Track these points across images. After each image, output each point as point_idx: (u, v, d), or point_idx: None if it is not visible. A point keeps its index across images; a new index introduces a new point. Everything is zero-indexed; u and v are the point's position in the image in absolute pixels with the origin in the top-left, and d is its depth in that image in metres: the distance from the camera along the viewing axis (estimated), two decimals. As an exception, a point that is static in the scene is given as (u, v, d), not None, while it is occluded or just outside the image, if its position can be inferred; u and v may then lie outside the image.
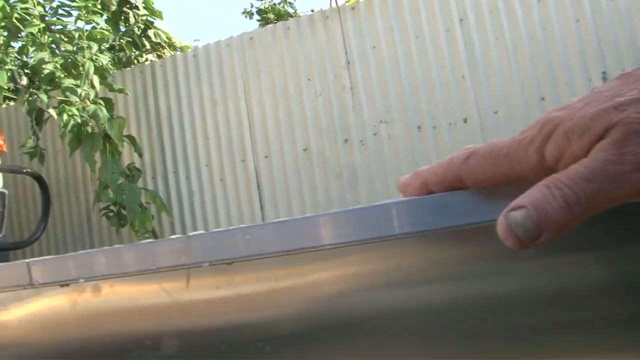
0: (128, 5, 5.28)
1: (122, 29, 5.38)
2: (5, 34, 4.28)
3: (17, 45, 4.42)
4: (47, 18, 4.18)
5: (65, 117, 4.13)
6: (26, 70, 4.32)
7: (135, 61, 5.32)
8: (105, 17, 5.02)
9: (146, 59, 5.38)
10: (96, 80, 4.19)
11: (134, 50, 5.03)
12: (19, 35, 4.07)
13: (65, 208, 5.35)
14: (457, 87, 4.09)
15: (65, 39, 4.33)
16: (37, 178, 4.28)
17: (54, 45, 4.28)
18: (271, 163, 4.49)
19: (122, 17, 5.28)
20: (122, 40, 4.88)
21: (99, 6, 4.70)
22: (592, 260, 0.41)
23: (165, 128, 4.86)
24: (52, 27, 4.28)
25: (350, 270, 0.51)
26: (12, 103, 5.57)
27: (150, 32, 5.23)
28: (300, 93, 4.41)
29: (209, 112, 4.70)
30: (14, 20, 4.00)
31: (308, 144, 4.38)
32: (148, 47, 5.21)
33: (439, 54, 4.14)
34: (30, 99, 4.37)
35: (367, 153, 4.24)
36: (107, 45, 4.92)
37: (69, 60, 4.20)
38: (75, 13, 4.40)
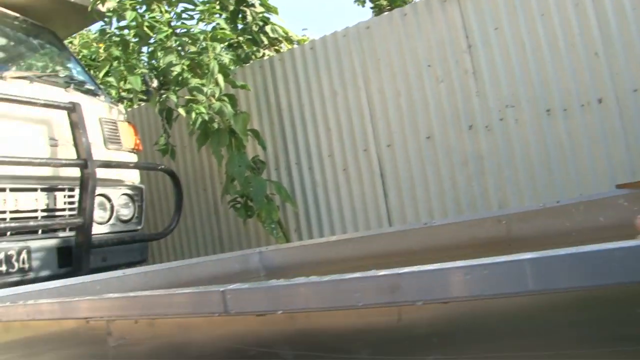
0: (245, 4, 5.42)
1: (240, 26, 5.54)
2: (135, 40, 4.52)
3: (145, 50, 4.64)
4: (172, 23, 4.37)
5: (193, 115, 4.31)
6: (156, 73, 4.54)
7: (253, 57, 5.45)
8: (224, 16, 5.18)
9: (263, 54, 5.50)
10: (220, 78, 4.34)
11: (252, 47, 5.16)
12: (149, 41, 4.28)
13: (194, 200, 5.61)
14: (589, 66, 3.85)
15: (190, 41, 4.51)
16: (171, 174, 4.51)
17: (179, 48, 4.46)
18: (394, 152, 4.46)
19: (240, 16, 5.43)
20: (240, 38, 5.02)
21: (218, 7, 4.87)
22: None
23: (286, 121, 4.96)
24: (177, 31, 4.47)
25: None
26: (142, 104, 5.91)
27: (268, 28, 5.35)
28: (421, 80, 4.34)
29: (329, 103, 4.73)
30: (145, 29, 4.22)
31: (431, 132, 4.31)
32: (266, 42, 5.33)
33: (568, 31, 3.91)
34: (161, 99, 4.60)
35: (494, 139, 4.11)
36: (226, 44, 5.07)
37: (195, 61, 4.37)
38: (197, 16, 4.58)
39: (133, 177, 4.52)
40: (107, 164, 4.04)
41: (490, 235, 2.58)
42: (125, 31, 4.36)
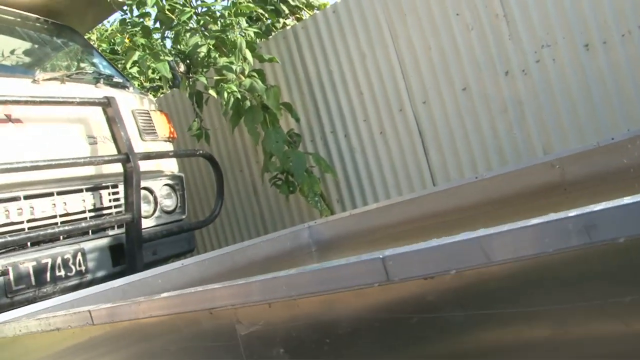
0: (262, -27, 5.31)
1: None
2: (157, 26, 4.47)
3: (169, 35, 4.59)
4: (193, 3, 4.31)
5: (225, 94, 4.27)
6: (182, 57, 4.50)
7: (274, 29, 5.37)
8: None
9: (284, 24, 5.41)
10: (248, 54, 4.28)
11: (275, 17, 5.07)
12: (172, 25, 4.23)
13: (232, 182, 5.61)
14: (627, -7, 3.71)
15: (212, 20, 4.45)
16: (210, 158, 4.49)
17: (203, 29, 4.41)
18: (430, 108, 4.38)
19: (259, -14, 5.32)
20: (260, 11, 4.93)
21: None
22: None
23: (316, 90, 4.90)
24: (198, 10, 4.41)
25: None
26: (168, 91, 5.88)
27: (288, -4, 5.24)
28: (450, 30, 4.23)
29: (359, 66, 4.65)
30: (167, 12, 4.17)
31: (467, 83, 4.22)
32: (287, 12, 5.24)
33: (601, -33, 3.77)
34: (190, 83, 4.57)
35: (532, 83, 4.01)
36: (247, 17, 4.99)
37: (220, 39, 4.31)
38: (216, -8, 4.51)
39: (172, 166, 4.52)
40: (148, 156, 4.04)
41: (544, 181, 2.53)
42: (147, 18, 4.31)
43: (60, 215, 3.74)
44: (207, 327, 0.99)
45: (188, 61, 4.55)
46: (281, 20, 5.38)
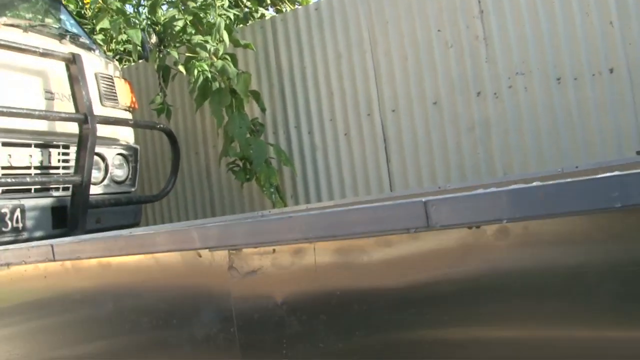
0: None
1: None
2: (134, -9, 4.33)
3: (144, 2, 4.44)
4: (174, -25, 4.19)
5: (195, 72, 4.16)
6: (156, 29, 4.36)
7: (251, 17, 5.29)
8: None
9: (262, 15, 5.34)
10: (225, 35, 4.19)
11: (257, 5, 5.00)
12: (149, -7, 4.10)
13: (186, 164, 5.46)
14: (603, 35, 3.82)
15: (192, -4, 4.34)
16: (169, 133, 4.35)
17: (182, 5, 4.30)
18: (399, 117, 4.39)
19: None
20: (241, -4, 4.85)
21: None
22: None
23: (287, 83, 4.84)
24: (180, -17, 4.29)
25: None
26: (134, 63, 5.70)
27: (271, -14, 5.18)
28: (429, 44, 4.26)
29: (333, 66, 4.62)
30: (147, -22, 4.04)
31: (438, 97, 4.25)
32: (268, 1, 5.18)
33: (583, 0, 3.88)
34: (161, 56, 4.43)
35: (502, 106, 4.07)
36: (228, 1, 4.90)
37: (198, 16, 4.21)
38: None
39: (128, 136, 4.36)
40: (107, 120, 3.88)
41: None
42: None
43: (3, 167, 3.53)
44: (194, 270, 0.91)
45: (162, 34, 4.40)
46: (260, 10, 5.31)
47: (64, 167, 3.89)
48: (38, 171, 3.73)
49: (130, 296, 1.00)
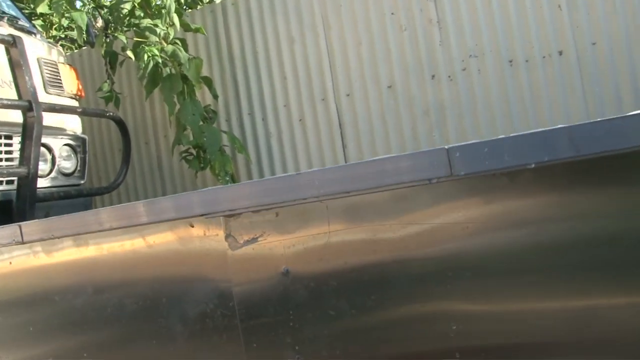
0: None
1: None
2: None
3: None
4: (120, -45, 4.03)
5: (145, 57, 4.02)
6: (102, 12, 4.19)
7: (200, 2, 5.16)
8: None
9: (210, 0, 5.21)
10: (176, 19, 4.06)
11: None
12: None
13: (135, 154, 5.29)
14: (552, 18, 3.89)
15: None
16: (119, 122, 4.19)
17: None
18: (353, 102, 4.36)
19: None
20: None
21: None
22: None
23: (239, 68, 4.74)
24: (126, -36, 4.13)
25: None
26: (84, 48, 5.48)
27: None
28: (383, 28, 4.25)
29: (286, 50, 4.55)
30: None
31: (393, 81, 4.24)
32: (218, -16, 5.05)
33: (533, -16, 3.94)
34: (108, 41, 4.26)
35: (456, 89, 4.10)
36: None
37: (146, -1, 4.07)
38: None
39: (75, 126, 4.18)
40: (53, 108, 3.70)
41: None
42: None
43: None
44: (183, 242, 0.84)
45: (109, 17, 4.23)
46: (208, -6, 5.18)
47: (7, 159, 3.70)
48: (-22, 163, 3.54)
49: (113, 278, 0.93)
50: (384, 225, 0.63)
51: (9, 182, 3.66)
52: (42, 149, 3.84)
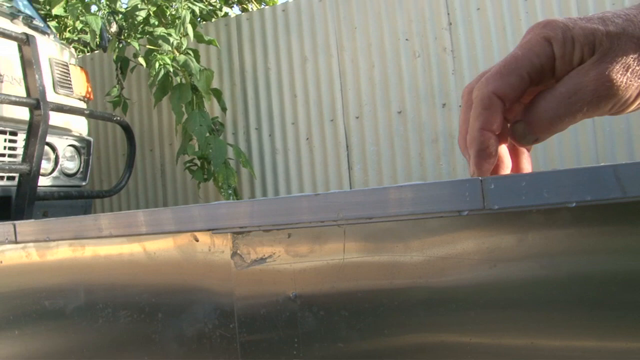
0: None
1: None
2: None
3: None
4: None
5: (156, 65, 4.01)
6: (117, 18, 4.19)
7: (215, 15, 5.17)
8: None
9: (225, 14, 5.22)
10: (190, 29, 4.05)
11: (224, 3, 4.88)
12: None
13: (139, 161, 5.28)
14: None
15: (156, -14, 4.19)
16: (125, 127, 4.17)
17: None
18: (362, 124, 4.34)
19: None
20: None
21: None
22: None
23: (249, 83, 4.73)
24: (144, -28, 4.14)
25: None
26: (96, 51, 5.48)
27: (237, -16, 5.08)
28: (397, 53, 4.24)
29: (298, 68, 4.55)
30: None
31: (403, 107, 4.22)
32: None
33: (549, 15, 3.93)
34: (121, 46, 4.25)
35: (466, 119, 4.07)
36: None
37: (161, 8, 4.06)
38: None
39: (81, 127, 4.17)
40: (61, 108, 3.68)
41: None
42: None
43: (-58, 152, 3.30)
44: (186, 256, 0.79)
45: (123, 23, 4.23)
46: (224, 8, 5.19)
47: (10, 155, 3.67)
48: (-19, 157, 3.51)
49: (108, 288, 0.88)
50: (404, 256, 0.58)
51: (10, 178, 3.63)
52: (46, 147, 3.82)
